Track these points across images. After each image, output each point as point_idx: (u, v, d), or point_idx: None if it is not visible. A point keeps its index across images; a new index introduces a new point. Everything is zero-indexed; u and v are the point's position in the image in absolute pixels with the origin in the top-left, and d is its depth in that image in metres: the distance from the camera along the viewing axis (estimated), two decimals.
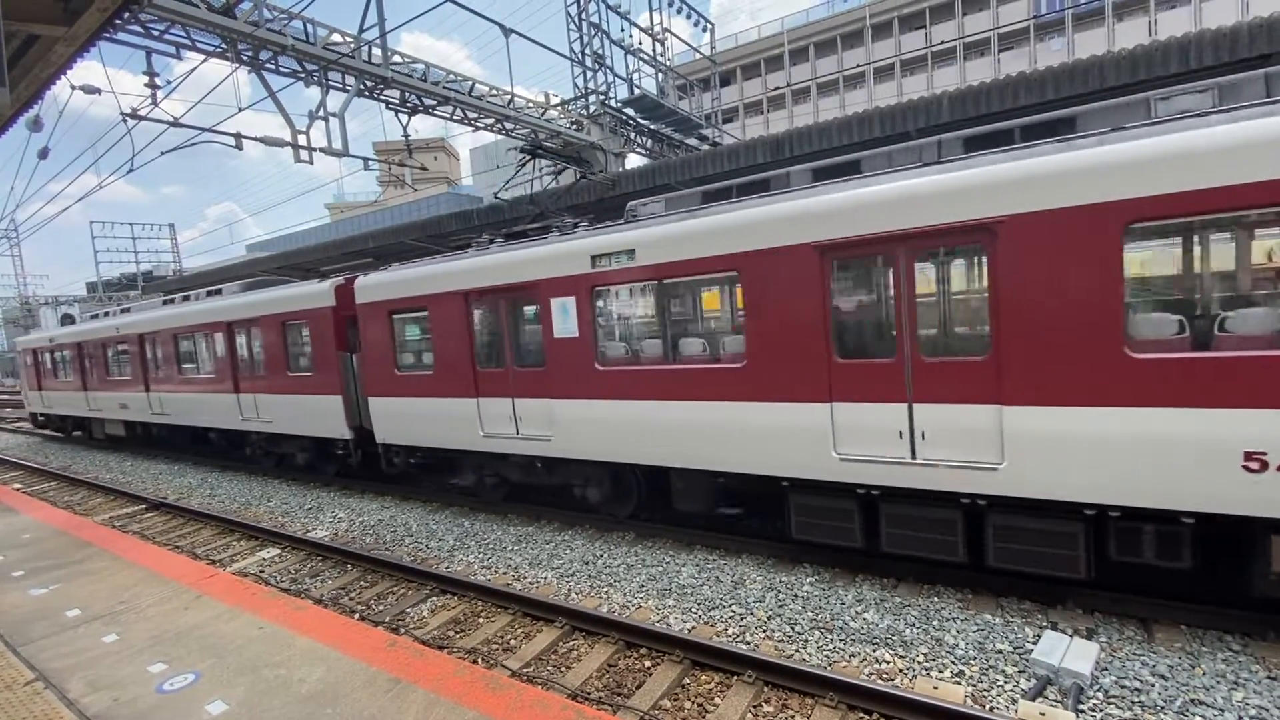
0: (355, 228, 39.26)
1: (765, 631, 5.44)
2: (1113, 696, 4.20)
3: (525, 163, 11.13)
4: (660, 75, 23.94)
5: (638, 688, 4.80)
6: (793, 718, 4.33)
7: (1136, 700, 4.13)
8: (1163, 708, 4.05)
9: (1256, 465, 4.15)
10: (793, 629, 5.43)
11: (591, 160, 20.46)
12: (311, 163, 13.97)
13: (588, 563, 7.25)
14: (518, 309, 8.41)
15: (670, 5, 23.77)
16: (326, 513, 10.33)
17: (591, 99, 20.69)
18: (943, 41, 41.37)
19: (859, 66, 45.39)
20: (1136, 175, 4.37)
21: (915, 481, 5.47)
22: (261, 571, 8.01)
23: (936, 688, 4.38)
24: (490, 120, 19.03)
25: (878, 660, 4.87)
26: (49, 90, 6.86)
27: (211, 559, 8.63)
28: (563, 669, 5.20)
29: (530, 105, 20.27)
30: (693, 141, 24.38)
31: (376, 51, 14.99)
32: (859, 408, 5.69)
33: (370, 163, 16.08)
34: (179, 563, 7.18)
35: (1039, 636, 4.83)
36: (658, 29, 23.71)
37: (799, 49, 49.07)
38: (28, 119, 8.59)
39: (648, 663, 5.16)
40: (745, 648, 5.09)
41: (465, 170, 69.97)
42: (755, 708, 4.46)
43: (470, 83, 17.91)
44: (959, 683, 4.49)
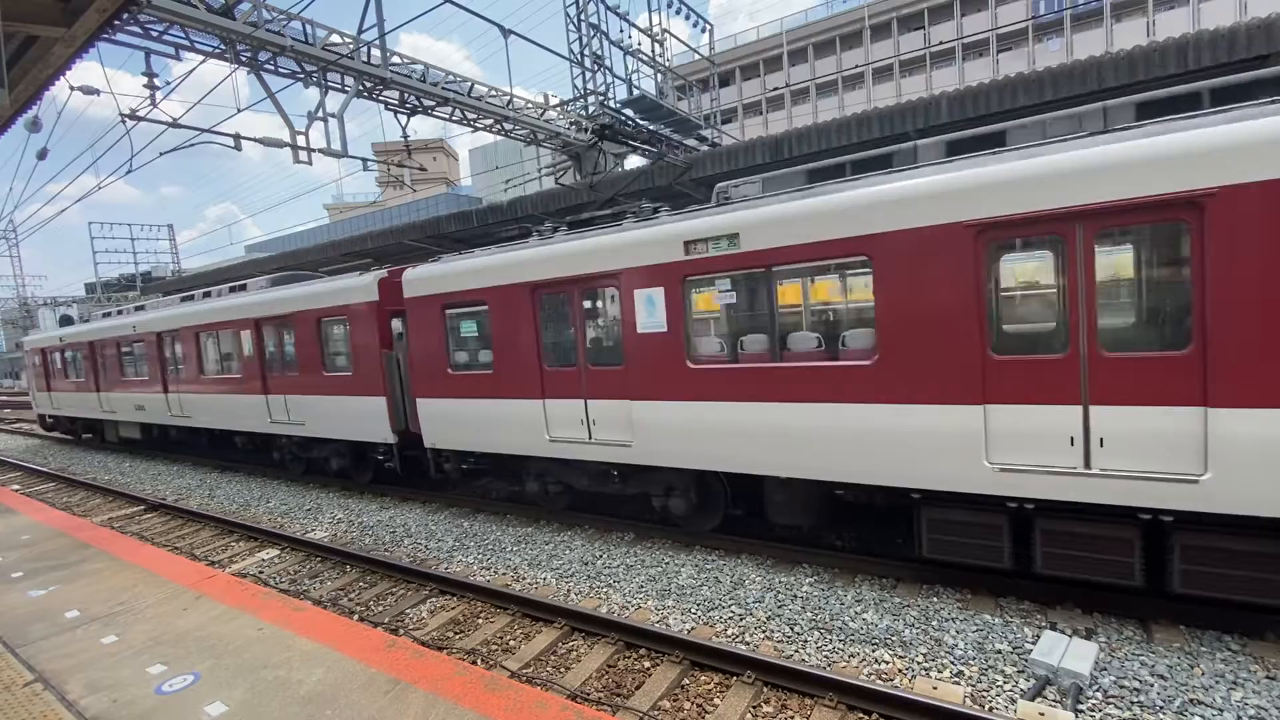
0: (354, 228, 39.25)
1: (765, 632, 5.44)
2: (1112, 696, 4.20)
3: (593, 144, 10.85)
4: (659, 76, 23.95)
5: (637, 688, 4.80)
6: (792, 718, 4.33)
7: (1135, 700, 4.14)
8: (1161, 707, 4.05)
9: None
10: (792, 629, 5.43)
11: (590, 161, 20.47)
12: (310, 163, 13.97)
13: (587, 563, 7.25)
14: (592, 302, 7.75)
15: (669, 6, 23.78)
16: (325, 513, 10.32)
17: (590, 100, 20.71)
18: (941, 42, 41.40)
19: (858, 67, 45.43)
20: None
21: (1088, 495, 4.82)
22: (261, 572, 8.00)
23: (936, 688, 4.38)
24: (489, 121, 19.03)
25: (877, 660, 4.87)
26: (48, 91, 6.87)
27: (210, 560, 8.62)
28: (562, 670, 5.20)
29: (529, 106, 20.28)
30: (691, 142, 24.40)
31: (375, 52, 14.99)
32: (1019, 410, 5.02)
33: (369, 163, 16.08)
34: (178, 564, 7.18)
35: (1038, 637, 4.83)
36: (657, 30, 23.72)
37: (798, 50, 49.10)
38: (26, 119, 8.58)
39: (647, 663, 5.16)
40: (745, 648, 5.10)
41: (464, 171, 70.03)
42: (755, 708, 4.47)
43: (469, 83, 17.91)
44: (958, 683, 4.49)
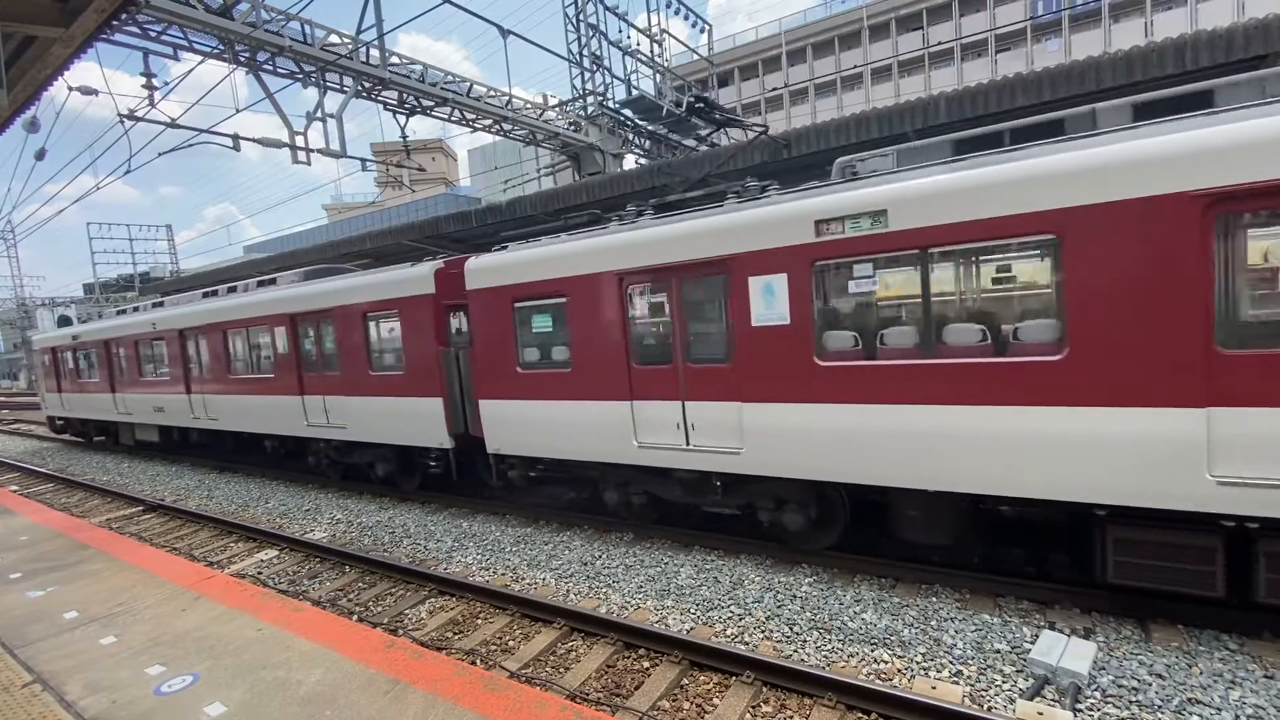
0: (353, 229, 39.24)
1: (764, 632, 5.44)
2: (1110, 696, 4.21)
3: (684, 119, 9.75)
4: (658, 76, 23.96)
5: (636, 688, 4.80)
6: (791, 718, 4.33)
7: (1134, 699, 4.14)
8: (1160, 707, 4.06)
9: None
10: (791, 629, 5.44)
11: (589, 162, 20.47)
12: (309, 164, 13.98)
13: (586, 563, 7.25)
14: (694, 292, 6.95)
15: (668, 6, 23.82)
16: (324, 514, 10.31)
17: (589, 100, 20.71)
18: (940, 43, 41.46)
19: (856, 67, 45.50)
20: None
21: None
22: (260, 573, 8.00)
23: (935, 687, 4.38)
24: (488, 121, 19.05)
25: (876, 660, 4.87)
26: (46, 91, 6.87)
27: (209, 560, 8.61)
28: (561, 670, 5.20)
29: (528, 106, 20.28)
30: (690, 142, 24.43)
31: (374, 52, 15.00)
32: (1257, 414, 4.23)
33: (368, 164, 16.09)
34: (177, 564, 7.17)
35: (1037, 636, 4.84)
36: (655, 30, 23.75)
37: (796, 50, 49.15)
38: (25, 120, 8.58)
39: (646, 663, 5.16)
40: (744, 648, 5.10)
41: (463, 171, 70.03)
42: (754, 708, 4.47)
43: (468, 84, 17.92)
44: (957, 682, 4.50)
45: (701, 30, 26.78)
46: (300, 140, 13.59)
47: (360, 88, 15.11)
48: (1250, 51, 7.58)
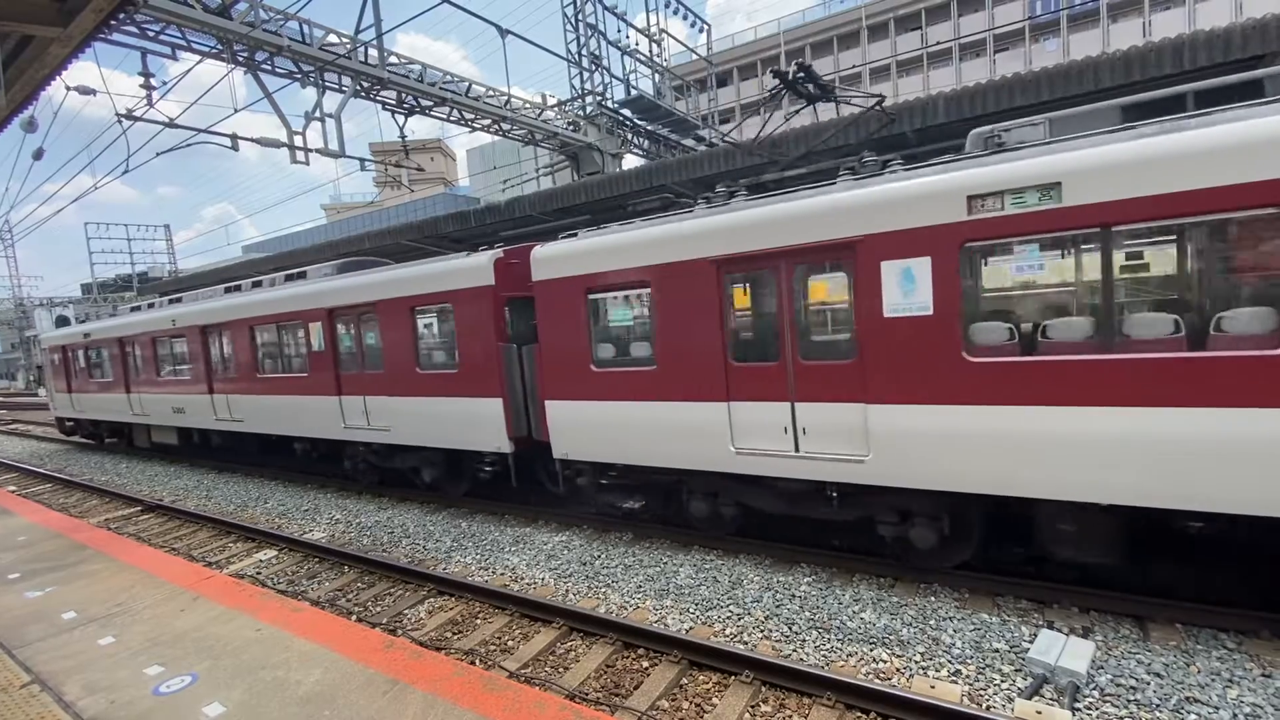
0: (352, 229, 39.22)
1: (763, 631, 5.45)
2: (1108, 695, 4.21)
3: (777, 91, 8.04)
4: (657, 76, 23.97)
5: (635, 688, 4.80)
6: (790, 717, 4.34)
7: (1132, 698, 4.15)
8: (1158, 705, 4.07)
9: None
10: (790, 629, 5.44)
11: (587, 161, 20.47)
12: (308, 164, 13.97)
13: (585, 563, 7.26)
14: (810, 279, 6.31)
15: (667, 6, 23.84)
16: (323, 514, 10.31)
17: (588, 100, 20.72)
18: (938, 42, 41.47)
19: (855, 67, 45.49)
20: None
21: None
22: (258, 573, 7.99)
23: (933, 687, 4.39)
24: (487, 121, 19.04)
25: (875, 660, 4.88)
26: (44, 91, 6.86)
27: (208, 561, 8.61)
28: (560, 669, 5.20)
29: (527, 106, 20.28)
30: (689, 142, 24.43)
31: (373, 52, 15.00)
32: None
33: (367, 163, 16.09)
34: (176, 565, 7.16)
35: (1035, 635, 4.85)
36: (654, 30, 23.77)
37: (795, 50, 49.14)
38: (22, 120, 8.56)
39: (645, 663, 5.17)
40: (743, 647, 5.10)
41: (462, 171, 69.98)
42: (753, 707, 4.47)
43: (467, 84, 17.92)
44: (956, 682, 4.50)
45: (700, 30, 26.81)
46: (299, 140, 13.59)
47: (359, 87, 15.10)
48: (1248, 51, 7.60)
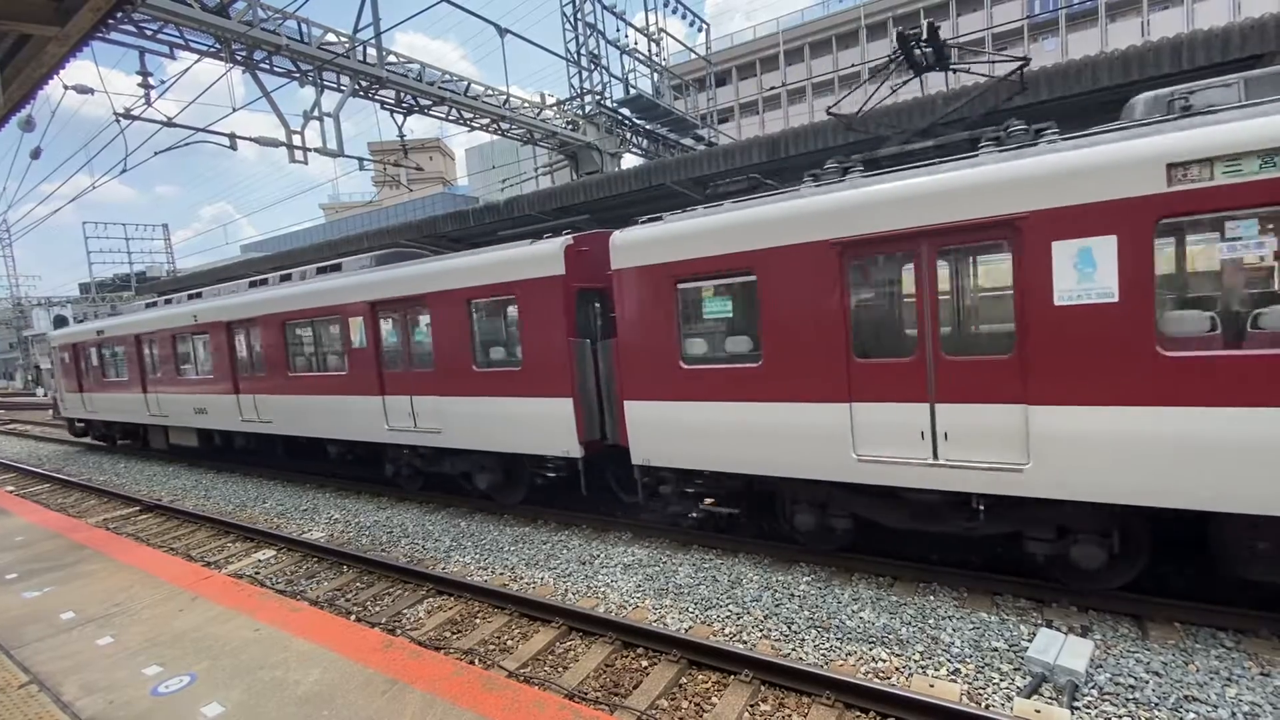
0: (351, 228, 39.15)
1: (762, 630, 5.45)
2: (1107, 693, 4.22)
3: (897, 58, 7.43)
4: (656, 75, 23.97)
5: (635, 687, 4.80)
6: (789, 716, 4.34)
7: (1131, 697, 4.16)
8: (1157, 704, 4.07)
9: None
10: (789, 628, 5.45)
11: (586, 161, 20.47)
12: (306, 163, 13.96)
13: (584, 563, 7.25)
14: (955, 263, 5.65)
15: (666, 5, 23.82)
16: (322, 514, 10.30)
17: (587, 99, 20.71)
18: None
19: (854, 66, 45.53)
20: None
21: None
22: (257, 573, 7.98)
23: (933, 686, 4.40)
24: (486, 120, 19.03)
25: (874, 659, 4.88)
26: (41, 90, 6.84)
27: (207, 561, 8.60)
28: (560, 669, 5.20)
29: (526, 105, 20.27)
30: (688, 142, 24.44)
31: (371, 51, 14.99)
32: None
33: (365, 163, 16.07)
34: (174, 565, 7.15)
35: (1034, 634, 4.85)
36: (653, 29, 23.76)
37: (794, 49, 49.19)
38: (20, 119, 8.54)
39: (645, 662, 5.17)
40: (742, 647, 5.10)
41: (461, 170, 69.91)
42: (752, 707, 4.47)
43: (466, 83, 17.90)
44: (955, 681, 4.51)
45: (699, 29, 26.81)
46: (297, 139, 13.57)
47: (357, 87, 15.09)
48: (1246, 51, 7.60)
